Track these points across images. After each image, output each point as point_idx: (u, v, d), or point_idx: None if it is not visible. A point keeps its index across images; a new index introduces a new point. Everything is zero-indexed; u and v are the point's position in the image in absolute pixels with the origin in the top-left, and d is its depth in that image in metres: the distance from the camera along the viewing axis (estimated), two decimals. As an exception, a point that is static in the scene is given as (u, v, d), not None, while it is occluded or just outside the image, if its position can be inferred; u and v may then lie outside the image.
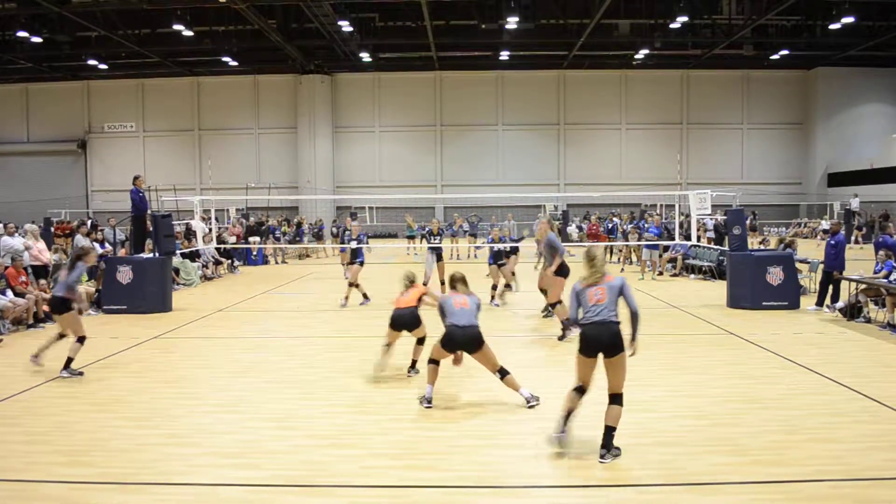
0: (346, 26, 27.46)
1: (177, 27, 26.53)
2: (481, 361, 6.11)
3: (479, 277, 16.33)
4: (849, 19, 25.93)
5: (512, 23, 26.74)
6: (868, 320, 10.13)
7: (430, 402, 6.15)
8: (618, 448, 4.88)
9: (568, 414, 4.96)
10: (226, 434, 5.50)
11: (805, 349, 8.40)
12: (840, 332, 9.63)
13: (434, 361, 6.24)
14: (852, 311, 10.42)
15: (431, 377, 6.25)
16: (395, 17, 29.48)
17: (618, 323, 4.91)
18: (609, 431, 4.82)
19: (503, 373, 6.07)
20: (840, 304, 10.77)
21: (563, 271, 9.25)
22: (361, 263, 12.38)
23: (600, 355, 4.89)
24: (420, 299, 7.22)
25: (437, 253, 13.23)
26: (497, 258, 12.32)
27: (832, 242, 11.44)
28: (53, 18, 26.59)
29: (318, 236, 26.93)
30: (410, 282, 7.36)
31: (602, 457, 4.79)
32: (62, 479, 4.63)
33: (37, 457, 5.04)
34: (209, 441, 5.36)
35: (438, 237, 13.65)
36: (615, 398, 4.86)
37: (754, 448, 5.07)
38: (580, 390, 5.00)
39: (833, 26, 27.13)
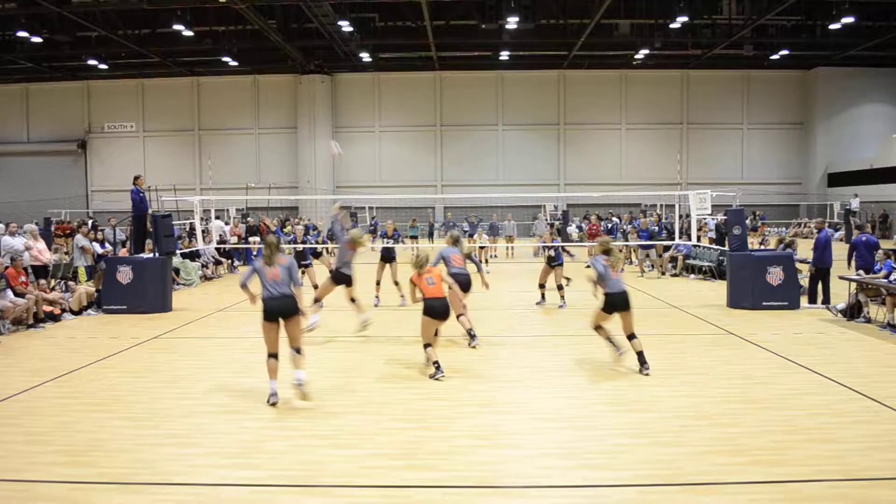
0: (346, 26, 27.43)
1: (177, 27, 26.49)
2: (289, 330, 6.32)
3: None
4: (849, 19, 25.90)
5: (512, 23, 26.69)
6: (868, 320, 10.12)
7: (274, 395, 6.24)
8: (647, 365, 7.17)
9: (609, 339, 7.47)
10: (226, 434, 5.50)
11: (805, 349, 8.41)
12: (840, 332, 9.63)
13: (271, 355, 6.29)
14: (852, 311, 10.41)
15: (271, 371, 6.30)
16: (395, 17, 29.46)
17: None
18: (640, 354, 7.22)
19: (298, 350, 6.32)
20: (841, 304, 10.77)
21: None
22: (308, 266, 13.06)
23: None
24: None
25: (391, 255, 12.62)
26: (554, 259, 12.12)
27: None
28: (53, 18, 26.55)
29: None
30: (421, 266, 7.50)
31: (642, 370, 7.15)
32: (62, 479, 4.63)
33: (37, 457, 5.04)
34: (209, 441, 5.36)
35: (393, 239, 13.27)
36: (632, 336, 7.28)
37: (754, 448, 5.07)
38: (603, 329, 7.55)
39: (833, 26, 27.11)
